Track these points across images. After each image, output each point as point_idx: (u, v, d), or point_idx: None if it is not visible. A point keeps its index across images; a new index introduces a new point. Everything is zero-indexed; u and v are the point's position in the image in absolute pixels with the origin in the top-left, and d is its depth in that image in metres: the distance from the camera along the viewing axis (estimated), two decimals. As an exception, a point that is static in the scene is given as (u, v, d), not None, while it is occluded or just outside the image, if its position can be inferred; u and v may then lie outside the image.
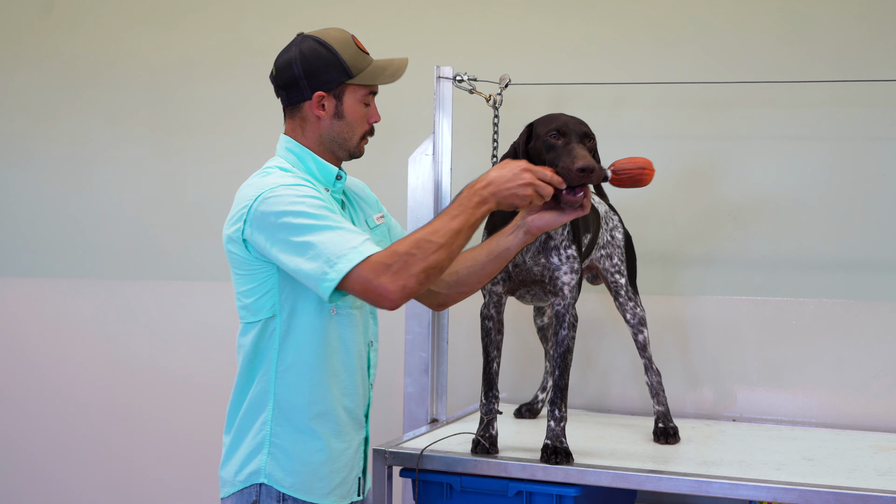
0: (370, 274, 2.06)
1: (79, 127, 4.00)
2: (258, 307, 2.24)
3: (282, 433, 2.24)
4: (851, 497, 2.30)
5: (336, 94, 2.28)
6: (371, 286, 2.07)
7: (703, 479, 2.41)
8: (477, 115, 3.20)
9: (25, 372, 4.05)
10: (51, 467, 4.03)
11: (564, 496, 2.52)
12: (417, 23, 3.61)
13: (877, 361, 3.15)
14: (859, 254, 3.18)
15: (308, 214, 2.11)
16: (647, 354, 2.86)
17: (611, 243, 2.87)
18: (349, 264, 2.06)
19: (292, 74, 2.26)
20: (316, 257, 2.08)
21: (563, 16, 3.45)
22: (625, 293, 2.86)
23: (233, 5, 3.83)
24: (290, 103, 2.31)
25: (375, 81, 2.30)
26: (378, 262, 2.07)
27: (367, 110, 2.33)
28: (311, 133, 2.31)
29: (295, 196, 2.13)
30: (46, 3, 4.03)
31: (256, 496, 2.23)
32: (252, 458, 2.24)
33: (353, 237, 2.10)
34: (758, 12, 3.28)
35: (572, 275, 2.52)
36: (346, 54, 2.26)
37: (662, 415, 2.82)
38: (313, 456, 2.25)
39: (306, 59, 2.25)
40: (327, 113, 2.28)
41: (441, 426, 2.96)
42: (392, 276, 2.07)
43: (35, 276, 4.05)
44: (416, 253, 2.08)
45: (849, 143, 3.19)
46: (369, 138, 2.37)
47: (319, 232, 2.10)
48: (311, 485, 2.25)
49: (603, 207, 2.88)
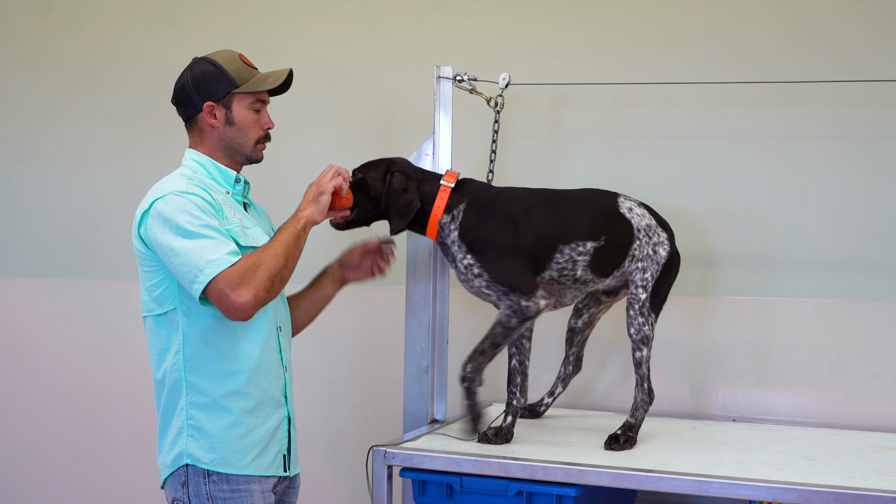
0: (224, 285, 2.32)
1: (79, 127, 4.00)
2: (162, 299, 2.45)
3: (197, 415, 2.44)
4: (851, 497, 2.30)
5: (224, 103, 2.53)
6: (225, 296, 2.32)
7: (703, 479, 2.41)
8: (477, 115, 3.20)
9: (25, 372, 4.05)
10: (51, 467, 4.02)
11: (564, 496, 2.53)
12: (418, 23, 3.61)
13: (877, 361, 3.15)
14: (859, 254, 3.18)
15: (190, 220, 2.36)
16: (641, 372, 2.80)
17: (650, 258, 2.81)
18: (211, 273, 2.32)
19: (186, 92, 2.54)
20: (189, 263, 2.33)
21: (563, 16, 3.45)
22: (638, 307, 2.79)
23: (233, 6, 3.83)
24: (187, 117, 2.57)
25: (258, 88, 2.55)
26: (232, 274, 2.32)
27: (258, 117, 2.58)
28: (209, 141, 2.56)
29: (183, 201, 2.37)
30: (46, 3, 4.03)
31: (185, 476, 2.44)
32: (176, 442, 2.45)
33: (221, 247, 2.35)
34: (758, 12, 3.28)
35: (479, 280, 2.70)
36: (231, 68, 2.53)
37: (628, 425, 2.77)
38: (228, 431, 2.44)
39: (196, 77, 2.53)
40: (219, 120, 2.53)
41: (441, 426, 2.95)
42: (241, 288, 2.32)
43: (36, 277, 4.05)
44: (260, 263, 2.36)
45: (849, 143, 3.19)
46: (266, 144, 2.62)
47: (195, 238, 2.34)
48: (230, 458, 2.44)
49: (645, 221, 2.83)
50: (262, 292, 2.34)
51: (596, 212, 2.78)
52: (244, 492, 2.45)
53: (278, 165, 3.74)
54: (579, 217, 2.75)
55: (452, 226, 2.72)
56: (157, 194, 2.41)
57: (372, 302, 3.60)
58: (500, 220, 2.70)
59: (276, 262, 2.38)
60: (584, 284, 2.79)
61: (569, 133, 3.43)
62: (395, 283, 3.35)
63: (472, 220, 2.70)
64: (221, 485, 2.43)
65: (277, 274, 2.38)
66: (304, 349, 3.70)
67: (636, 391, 2.81)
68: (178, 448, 2.44)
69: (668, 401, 3.29)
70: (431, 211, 2.72)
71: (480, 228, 2.69)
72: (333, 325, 3.67)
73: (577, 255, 2.73)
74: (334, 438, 3.66)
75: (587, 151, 3.41)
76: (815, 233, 3.21)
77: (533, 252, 2.70)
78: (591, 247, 2.74)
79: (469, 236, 2.70)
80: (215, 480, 2.43)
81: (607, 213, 2.79)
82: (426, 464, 2.63)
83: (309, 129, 3.69)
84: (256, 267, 2.34)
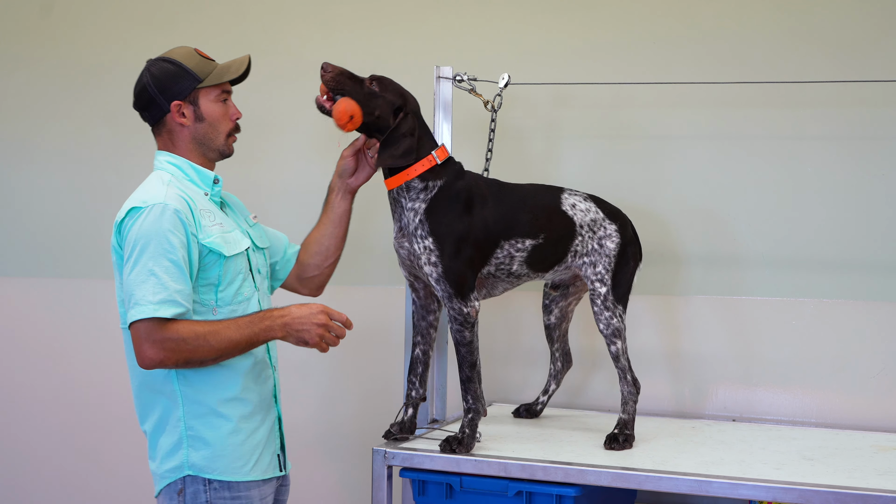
0: (142, 332, 2.29)
1: (79, 127, 3.99)
2: None
3: (196, 426, 2.41)
4: (851, 497, 2.30)
5: (191, 100, 2.49)
6: (137, 343, 2.30)
7: (703, 479, 2.41)
8: (477, 115, 3.19)
9: (25, 372, 4.05)
10: (51, 467, 4.02)
11: (564, 496, 2.53)
12: (417, 23, 3.61)
13: (877, 361, 3.15)
14: (859, 254, 3.18)
15: (150, 248, 2.32)
16: (621, 365, 2.80)
17: (597, 251, 2.82)
18: (140, 314, 2.29)
19: (148, 95, 2.49)
20: (131, 289, 2.31)
21: (562, 16, 3.45)
22: (601, 302, 2.79)
23: (233, 6, 3.83)
24: (155, 121, 2.52)
25: (223, 79, 2.51)
26: (154, 327, 2.28)
27: (226, 108, 2.54)
28: (182, 142, 2.52)
29: (152, 223, 2.34)
30: (46, 3, 4.03)
31: (182, 485, 2.41)
32: (174, 453, 2.42)
33: (164, 293, 2.29)
34: (758, 12, 3.27)
35: (431, 267, 2.63)
36: (190, 63, 2.49)
37: (623, 422, 2.78)
38: (228, 439, 2.42)
39: (157, 78, 2.48)
40: (188, 119, 2.49)
41: (441, 426, 2.95)
42: (154, 345, 2.28)
43: (36, 277, 4.05)
44: (190, 341, 2.30)
45: (849, 143, 3.19)
46: (237, 136, 2.58)
47: (146, 270, 2.31)
48: (232, 465, 2.42)
49: (590, 216, 2.84)
50: (170, 363, 2.31)
51: (537, 209, 2.78)
52: (244, 498, 2.44)
53: (280, 164, 3.76)
54: (522, 213, 2.75)
55: (422, 195, 2.64)
56: (134, 203, 2.39)
57: (372, 302, 3.60)
58: (463, 209, 2.66)
59: (206, 352, 2.32)
60: (517, 278, 2.81)
61: (568, 133, 3.43)
62: (395, 283, 3.35)
63: (443, 201, 2.65)
64: (223, 492, 2.42)
65: (197, 360, 2.34)
66: (304, 349, 3.71)
67: (621, 385, 2.82)
68: (178, 460, 2.41)
69: (669, 400, 3.29)
70: (410, 167, 2.65)
71: (447, 214, 2.64)
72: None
73: (514, 252, 2.75)
74: (334, 438, 3.66)
75: (586, 151, 3.41)
76: (815, 233, 3.21)
77: (482, 247, 2.70)
78: (530, 244, 2.75)
79: (435, 217, 2.63)
80: (216, 488, 2.41)
81: (549, 210, 2.79)
82: (426, 464, 2.63)
83: (309, 128, 3.69)
84: (185, 343, 2.29)
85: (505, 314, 3.45)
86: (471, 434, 2.66)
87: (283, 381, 3.78)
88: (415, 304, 2.82)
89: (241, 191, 3.68)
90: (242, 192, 3.75)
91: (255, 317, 2.39)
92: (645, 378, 3.18)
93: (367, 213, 3.47)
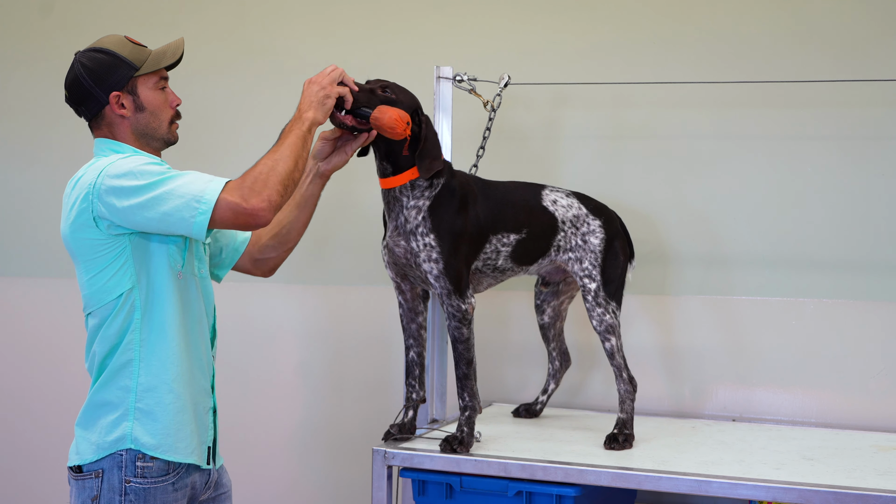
0: (237, 197, 2.22)
1: (81, 127, 3.97)
2: (115, 283, 2.33)
3: (147, 397, 2.33)
4: (851, 497, 2.30)
5: (130, 90, 2.40)
6: (240, 208, 2.22)
7: (703, 479, 2.41)
8: (477, 115, 3.19)
9: (26, 372, 4.05)
10: (53, 466, 4.02)
11: (564, 496, 2.53)
12: (417, 23, 3.61)
13: (877, 361, 3.15)
14: (859, 254, 3.18)
15: (156, 172, 2.25)
16: (616, 363, 2.81)
17: (581, 247, 2.84)
18: (214, 194, 2.21)
19: (83, 87, 2.41)
20: (181, 198, 2.22)
21: (563, 16, 3.45)
22: (592, 298, 2.80)
23: (233, 6, 3.83)
24: (92, 115, 2.44)
25: (160, 65, 2.42)
26: (239, 186, 2.23)
27: (165, 95, 2.45)
28: (123, 134, 2.42)
29: (135, 161, 2.28)
30: (46, 3, 4.03)
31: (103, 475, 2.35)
32: (116, 426, 2.33)
33: (204, 175, 2.26)
34: (759, 12, 3.28)
35: (431, 263, 2.61)
36: (124, 52, 2.39)
37: (622, 422, 2.78)
38: (178, 416, 2.35)
39: (90, 70, 2.39)
40: (128, 109, 2.40)
41: (441, 426, 2.96)
42: (257, 194, 2.22)
43: (36, 277, 4.05)
44: (265, 169, 2.26)
45: (849, 143, 3.19)
46: (178, 122, 2.49)
47: (174, 179, 2.24)
48: (176, 444, 2.34)
49: (572, 212, 2.85)
50: (276, 196, 2.24)
51: (519, 204, 2.80)
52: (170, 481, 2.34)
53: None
54: (506, 209, 2.77)
55: (427, 193, 2.64)
56: (97, 171, 2.28)
57: (371, 302, 3.60)
58: (460, 206, 2.67)
59: (285, 164, 2.27)
60: (502, 273, 2.83)
61: (568, 133, 3.43)
62: (395, 283, 3.35)
63: (444, 198, 2.65)
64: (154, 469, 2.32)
65: (289, 176, 2.28)
66: (304, 349, 3.71)
67: (617, 384, 2.82)
68: (120, 432, 2.32)
69: (668, 400, 3.29)
70: (414, 166, 2.62)
71: (447, 210, 2.65)
72: (333, 324, 3.68)
73: (501, 246, 2.76)
74: (334, 438, 3.66)
75: (586, 151, 3.41)
76: (815, 232, 3.21)
77: (474, 242, 2.71)
78: (514, 238, 2.77)
79: (437, 214, 2.63)
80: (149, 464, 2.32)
81: (530, 205, 2.82)
82: (426, 464, 2.63)
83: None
84: (264, 173, 2.24)
85: (504, 313, 3.45)
86: (469, 432, 2.66)
87: (283, 381, 3.81)
88: (402, 307, 2.81)
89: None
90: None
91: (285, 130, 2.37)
92: (645, 378, 3.18)
93: (368, 212, 3.47)
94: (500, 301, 3.43)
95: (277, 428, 3.71)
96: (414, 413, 2.81)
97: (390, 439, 2.75)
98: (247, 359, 3.73)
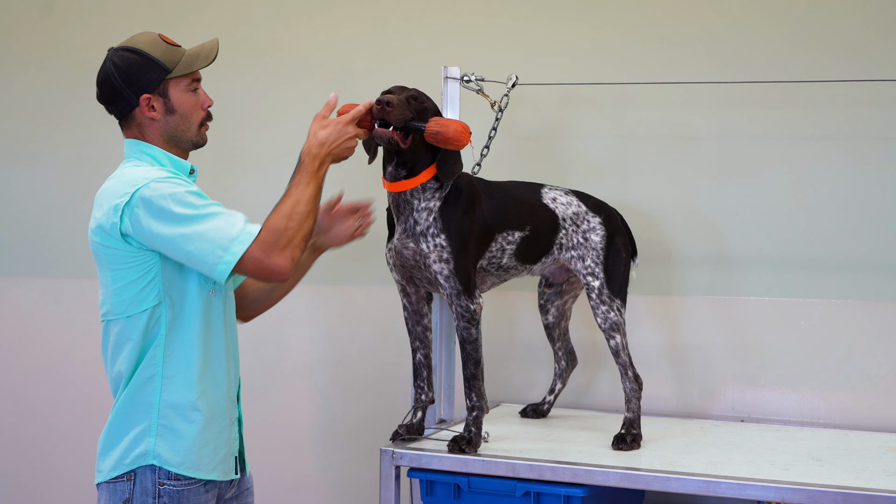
0: (261, 254, 2.23)
1: (82, 127, 3.99)
2: (143, 297, 2.30)
3: (170, 414, 2.31)
4: (860, 497, 2.30)
5: (161, 92, 2.36)
6: (263, 265, 2.24)
7: (712, 480, 2.41)
8: (485, 115, 3.19)
9: (28, 372, 4.05)
10: (56, 466, 4.03)
11: (572, 496, 2.53)
12: (425, 23, 3.61)
13: (886, 362, 3.14)
14: (868, 254, 3.17)
15: (191, 204, 2.24)
16: (621, 360, 2.81)
17: (583, 245, 2.84)
18: (242, 247, 2.22)
19: (113, 88, 2.35)
20: (209, 242, 2.21)
21: (570, 16, 3.45)
22: (596, 296, 2.81)
23: (234, 6, 3.83)
24: (123, 115, 2.40)
25: (193, 68, 2.39)
26: (265, 242, 2.24)
27: (197, 97, 2.42)
28: (153, 135, 2.39)
29: (172, 188, 2.25)
30: (46, 3, 4.03)
31: (135, 478, 2.30)
32: (138, 442, 2.30)
33: (237, 220, 2.26)
34: (763, 13, 3.27)
35: (442, 264, 2.61)
36: (156, 52, 2.35)
37: (629, 422, 2.78)
38: (201, 434, 2.33)
39: (121, 70, 2.34)
40: (159, 112, 2.37)
41: (449, 426, 2.95)
42: (280, 252, 2.25)
43: (36, 277, 4.05)
44: (292, 225, 2.27)
45: (856, 143, 3.19)
46: (209, 124, 2.46)
47: (207, 220, 2.23)
48: (199, 461, 2.32)
49: (572, 209, 2.86)
50: (298, 253, 2.27)
51: (521, 202, 2.81)
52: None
53: (283, 164, 3.75)
54: (509, 207, 2.79)
55: (438, 194, 2.64)
56: (133, 186, 2.25)
57: (376, 302, 3.60)
58: (467, 206, 2.68)
59: (310, 222, 2.30)
60: (506, 272, 2.83)
61: (575, 133, 3.43)
62: (402, 283, 3.35)
63: (453, 199, 2.65)
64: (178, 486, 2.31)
65: (310, 232, 2.31)
66: (313, 350, 3.71)
67: (623, 382, 2.82)
68: (142, 448, 2.30)
69: (677, 401, 3.29)
70: (427, 168, 2.62)
71: (457, 210, 2.65)
72: (340, 324, 3.68)
73: (506, 244, 2.77)
74: (342, 439, 3.66)
75: (593, 151, 3.41)
76: (823, 233, 3.20)
77: (480, 242, 2.72)
78: (519, 236, 2.78)
79: (448, 215, 2.63)
80: (174, 482, 2.31)
81: (531, 203, 2.83)
82: (434, 464, 2.63)
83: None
84: (292, 230, 2.26)
85: (510, 314, 3.45)
86: (477, 432, 2.66)
87: (291, 381, 3.81)
88: (407, 310, 2.80)
89: (242, 191, 3.71)
90: (243, 193, 3.78)
91: (304, 165, 2.36)
92: (653, 378, 3.18)
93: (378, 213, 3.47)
94: (507, 301, 3.43)
95: (285, 428, 3.71)
96: (422, 414, 2.81)
97: (398, 439, 2.75)
98: (255, 359, 3.73)
